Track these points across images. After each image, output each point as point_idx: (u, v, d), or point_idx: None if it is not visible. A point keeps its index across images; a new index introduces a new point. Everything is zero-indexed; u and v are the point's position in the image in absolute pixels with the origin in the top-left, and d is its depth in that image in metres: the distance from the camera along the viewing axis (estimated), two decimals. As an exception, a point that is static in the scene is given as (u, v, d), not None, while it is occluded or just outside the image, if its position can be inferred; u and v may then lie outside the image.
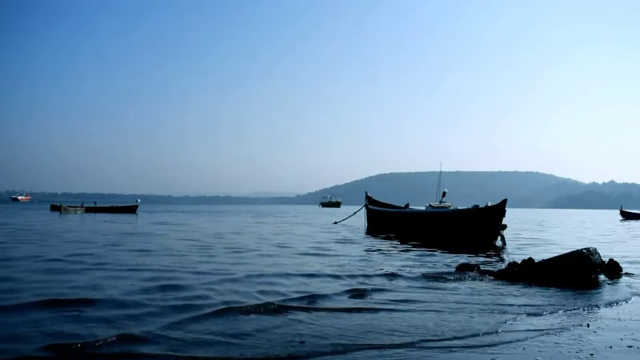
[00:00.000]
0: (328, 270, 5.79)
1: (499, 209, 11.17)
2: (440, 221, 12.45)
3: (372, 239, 11.61)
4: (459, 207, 12.99)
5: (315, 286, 4.77)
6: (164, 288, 4.48)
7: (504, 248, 9.78)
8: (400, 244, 10.08)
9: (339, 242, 10.35)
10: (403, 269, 6.04)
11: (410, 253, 8.21)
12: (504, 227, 11.47)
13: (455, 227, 11.87)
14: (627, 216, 36.84)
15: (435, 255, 7.86)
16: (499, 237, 10.99)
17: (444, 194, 14.03)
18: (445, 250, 8.74)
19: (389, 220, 14.85)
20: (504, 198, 11.49)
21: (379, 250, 8.73)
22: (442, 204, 13.46)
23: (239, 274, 5.36)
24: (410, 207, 15.67)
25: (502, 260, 7.53)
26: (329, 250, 8.46)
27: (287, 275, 5.41)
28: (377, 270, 5.83)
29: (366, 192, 17.69)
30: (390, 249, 9.03)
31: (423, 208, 14.11)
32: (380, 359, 2.72)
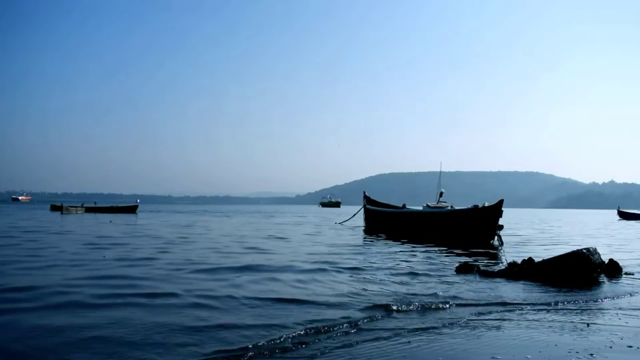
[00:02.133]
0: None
1: (496, 209, 11.19)
2: (437, 221, 12.49)
3: (370, 240, 11.62)
4: (457, 207, 13.00)
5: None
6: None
7: (501, 248, 9.79)
8: (398, 244, 10.07)
9: (350, 248, 10.12)
10: (417, 275, 6.03)
11: (408, 254, 8.23)
12: (501, 227, 11.49)
13: (452, 227, 11.90)
14: (624, 216, 36.87)
15: (434, 256, 7.88)
16: (496, 237, 11.01)
17: (441, 194, 14.10)
18: (442, 251, 8.76)
19: (386, 220, 14.88)
20: (500, 198, 11.52)
21: (383, 255, 8.71)
22: (439, 204, 13.52)
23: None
24: (407, 207, 15.70)
25: (500, 260, 7.54)
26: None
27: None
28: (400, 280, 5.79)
29: (364, 192, 17.68)
30: (389, 251, 9.03)
31: (420, 208, 14.16)
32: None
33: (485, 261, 7.29)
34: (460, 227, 11.70)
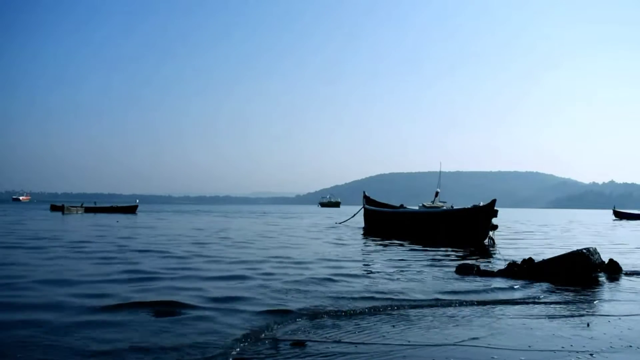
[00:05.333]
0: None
1: (489, 209, 11.18)
2: (432, 221, 12.52)
3: (368, 241, 11.63)
4: (456, 207, 13.01)
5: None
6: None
7: (493, 248, 9.78)
8: (395, 244, 10.07)
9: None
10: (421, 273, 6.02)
11: (406, 254, 8.23)
12: (495, 227, 11.47)
13: (446, 227, 11.91)
14: (620, 216, 37.12)
15: (432, 256, 7.88)
16: (488, 237, 11.00)
17: (436, 194, 14.16)
18: (440, 251, 8.75)
19: (384, 220, 14.94)
20: (493, 198, 11.51)
21: (381, 256, 8.71)
22: (435, 204, 13.57)
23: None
24: (405, 207, 15.77)
25: (499, 260, 7.53)
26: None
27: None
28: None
29: (364, 192, 17.73)
30: (386, 251, 9.04)
31: (417, 208, 14.21)
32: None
33: (485, 261, 7.28)
34: (454, 226, 11.72)
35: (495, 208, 11.24)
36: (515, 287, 4.96)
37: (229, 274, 5.53)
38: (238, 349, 2.82)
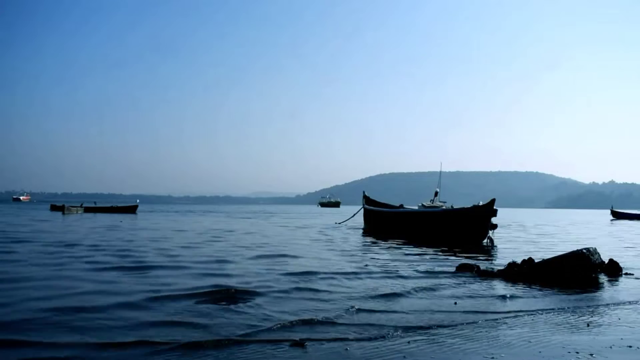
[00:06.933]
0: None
1: (487, 209, 11.19)
2: (431, 220, 12.54)
3: (368, 241, 11.62)
4: (455, 207, 13.02)
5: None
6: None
7: (492, 248, 9.78)
8: (394, 244, 10.07)
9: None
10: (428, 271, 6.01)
11: (405, 254, 8.22)
12: (494, 226, 11.48)
13: (445, 227, 11.93)
14: (617, 216, 37.34)
15: (432, 256, 7.88)
16: (487, 237, 11.02)
17: (436, 194, 14.19)
18: (439, 251, 8.75)
19: (383, 219, 14.99)
20: (492, 197, 11.53)
21: (380, 256, 8.71)
22: (434, 204, 13.60)
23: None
24: (404, 207, 15.81)
25: (490, 259, 7.54)
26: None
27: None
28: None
29: (364, 192, 17.77)
30: (386, 251, 9.04)
31: (416, 208, 14.24)
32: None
33: (484, 261, 7.29)
34: (453, 226, 11.74)
35: (494, 208, 11.26)
36: (515, 289, 4.96)
37: (244, 286, 4.72)
38: None
